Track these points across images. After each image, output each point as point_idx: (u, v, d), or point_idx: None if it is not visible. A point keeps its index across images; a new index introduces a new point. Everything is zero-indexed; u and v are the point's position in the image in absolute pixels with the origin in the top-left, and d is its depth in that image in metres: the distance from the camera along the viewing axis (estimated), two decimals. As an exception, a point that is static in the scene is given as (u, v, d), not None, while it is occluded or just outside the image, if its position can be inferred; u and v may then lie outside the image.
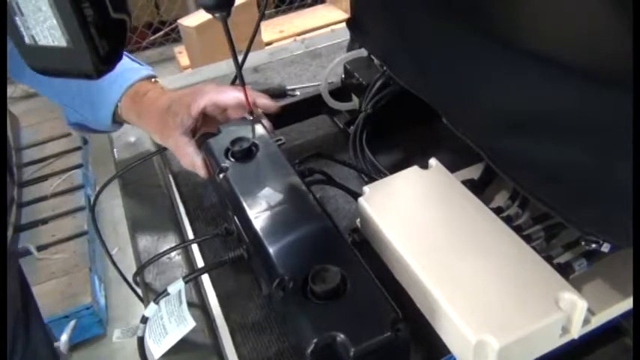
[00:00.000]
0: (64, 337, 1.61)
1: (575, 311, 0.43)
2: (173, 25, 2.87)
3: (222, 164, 0.62)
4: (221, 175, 0.62)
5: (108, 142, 0.91)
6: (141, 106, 0.68)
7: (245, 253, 0.57)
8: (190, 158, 0.66)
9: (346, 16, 2.51)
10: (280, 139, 0.67)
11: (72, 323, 1.62)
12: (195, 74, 1.02)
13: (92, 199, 2.06)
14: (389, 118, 0.71)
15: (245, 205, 0.56)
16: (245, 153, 0.63)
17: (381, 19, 0.63)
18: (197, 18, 2.18)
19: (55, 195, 1.96)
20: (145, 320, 0.60)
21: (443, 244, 0.48)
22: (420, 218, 0.51)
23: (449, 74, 0.53)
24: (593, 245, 0.41)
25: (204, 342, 0.59)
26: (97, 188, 2.26)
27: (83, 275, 1.69)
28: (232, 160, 0.63)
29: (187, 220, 0.75)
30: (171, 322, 0.57)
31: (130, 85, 0.68)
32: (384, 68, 0.70)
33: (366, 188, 0.55)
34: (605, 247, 0.41)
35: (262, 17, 0.77)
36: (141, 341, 0.61)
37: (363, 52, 0.76)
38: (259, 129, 0.67)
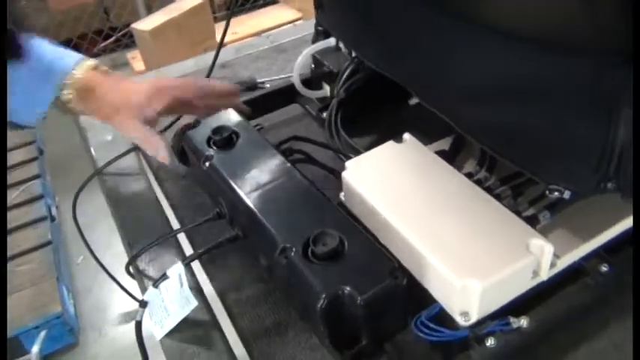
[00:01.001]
0: (35, 349, 1.59)
1: (544, 255, 0.49)
2: (124, 31, 2.85)
3: (207, 153, 0.66)
4: (207, 164, 0.65)
5: (63, 152, 0.92)
6: (94, 100, 0.69)
7: (240, 232, 0.60)
8: (149, 140, 0.68)
9: (299, 15, 2.56)
10: (258, 125, 0.71)
11: (42, 334, 1.60)
12: (164, 72, 1.04)
13: (55, 208, 2.02)
14: (361, 102, 0.76)
15: (236, 187, 0.60)
16: (227, 140, 0.67)
17: (348, 5, 0.67)
18: (151, 22, 2.18)
19: (14, 206, 1.92)
20: (144, 304, 0.63)
21: (423, 206, 0.54)
22: (401, 185, 0.56)
23: (417, 53, 0.58)
24: (556, 194, 0.46)
25: (203, 319, 0.62)
26: (57, 198, 2.21)
27: (51, 285, 1.68)
28: (215, 148, 0.66)
29: (172, 211, 0.77)
30: (173, 304, 0.60)
31: (71, 71, 0.68)
32: (353, 55, 0.75)
33: (347, 163, 0.60)
34: (567, 195, 0.47)
35: (232, 14, 0.81)
36: (139, 325, 0.63)
37: (330, 42, 0.81)
38: (237, 117, 0.70)
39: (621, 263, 0.54)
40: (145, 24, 2.21)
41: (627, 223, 0.54)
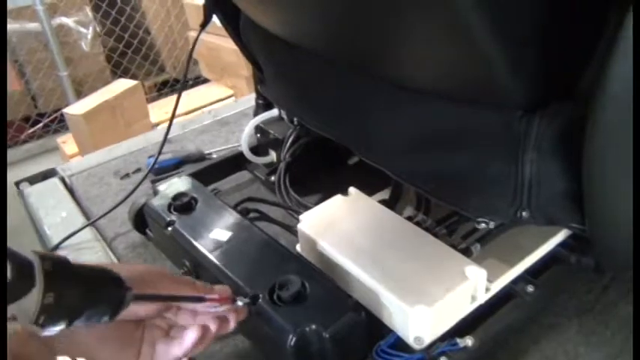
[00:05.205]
0: None
1: (478, 279, 0.57)
2: (52, 117, 2.85)
3: (169, 219, 0.70)
4: (169, 228, 0.70)
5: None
6: None
7: (207, 289, 0.64)
8: None
9: (231, 92, 2.66)
10: (215, 189, 0.77)
11: None
12: (115, 149, 1.08)
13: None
14: (306, 165, 0.84)
15: (200, 246, 0.65)
16: (187, 205, 0.72)
17: (288, 79, 0.76)
18: (83, 105, 2.21)
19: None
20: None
21: (372, 247, 0.61)
22: (351, 232, 0.63)
23: (352, 116, 0.66)
24: (483, 225, 0.55)
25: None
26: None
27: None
28: (176, 213, 0.71)
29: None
30: None
31: None
32: (295, 123, 0.83)
33: (302, 216, 0.66)
34: (492, 225, 0.55)
35: (181, 93, 0.88)
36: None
37: (274, 113, 0.89)
38: (194, 183, 0.76)
39: (544, 284, 0.63)
40: (77, 108, 2.23)
41: (545, 248, 0.63)
